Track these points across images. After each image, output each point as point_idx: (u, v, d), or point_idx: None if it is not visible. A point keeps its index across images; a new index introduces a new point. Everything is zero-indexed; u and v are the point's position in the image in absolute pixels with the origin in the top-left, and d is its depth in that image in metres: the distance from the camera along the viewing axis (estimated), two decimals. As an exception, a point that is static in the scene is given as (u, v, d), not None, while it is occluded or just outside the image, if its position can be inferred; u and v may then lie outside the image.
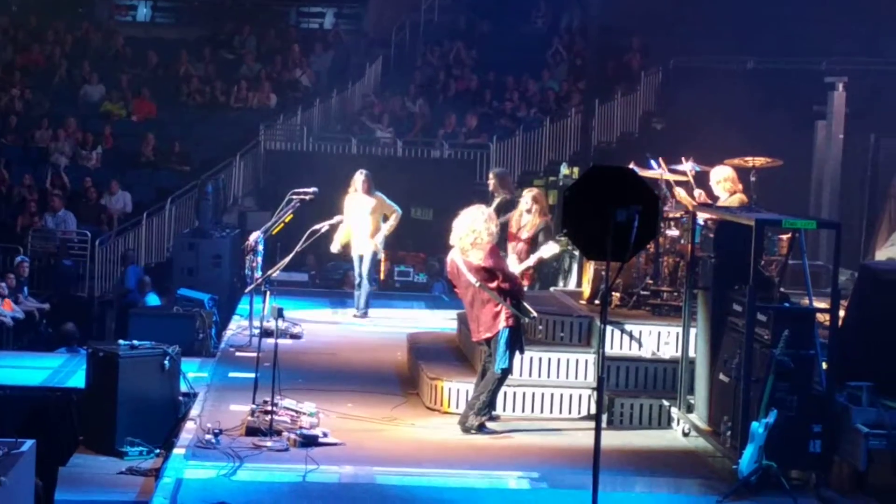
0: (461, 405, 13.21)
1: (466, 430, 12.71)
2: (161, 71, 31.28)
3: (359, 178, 18.49)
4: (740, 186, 14.47)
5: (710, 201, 14.35)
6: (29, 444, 10.49)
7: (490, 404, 12.83)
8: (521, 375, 13.49)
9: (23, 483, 10.22)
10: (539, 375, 13.57)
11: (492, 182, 17.85)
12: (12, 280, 21.78)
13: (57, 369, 15.83)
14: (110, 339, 19.13)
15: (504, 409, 13.28)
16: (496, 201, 17.20)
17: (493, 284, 12.60)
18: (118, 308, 22.46)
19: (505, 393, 13.22)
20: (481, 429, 12.70)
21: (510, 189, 17.79)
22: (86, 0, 33.72)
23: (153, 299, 20.61)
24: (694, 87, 27.50)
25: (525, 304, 12.86)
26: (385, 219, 18.53)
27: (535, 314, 13.29)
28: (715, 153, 15.27)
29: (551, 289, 16.85)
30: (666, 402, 13.20)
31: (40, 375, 15.48)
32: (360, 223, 18.31)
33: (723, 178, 14.49)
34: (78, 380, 14.58)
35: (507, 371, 12.71)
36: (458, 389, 13.47)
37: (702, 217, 13.16)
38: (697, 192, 14.91)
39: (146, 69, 31.23)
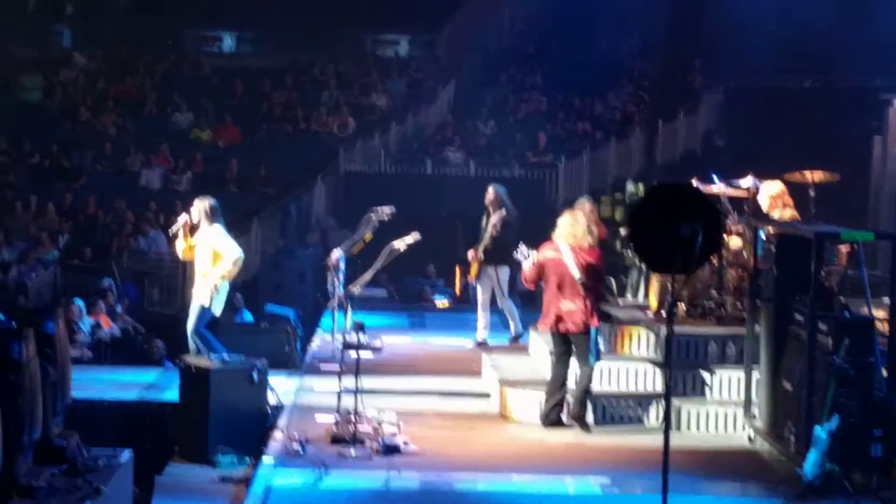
0: (530, 413, 13.22)
1: (584, 424, 12.91)
2: (245, 98, 31.51)
3: (198, 204, 14.54)
4: (791, 202, 14.35)
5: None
6: (127, 453, 10.58)
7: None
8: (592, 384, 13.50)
9: (121, 491, 10.30)
10: (609, 384, 13.54)
11: (491, 196, 17.32)
12: (110, 298, 21.99)
13: (152, 383, 15.95)
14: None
15: (576, 417, 13.28)
16: (497, 217, 17.03)
17: (592, 284, 12.83)
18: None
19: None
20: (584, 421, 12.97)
21: (505, 204, 17.42)
22: (174, 33, 34.04)
23: (247, 316, 20.72)
24: (753, 106, 27.41)
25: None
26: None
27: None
28: (774, 169, 15.17)
29: (619, 301, 16.81)
30: (731, 409, 13.15)
31: (137, 389, 15.61)
32: (196, 261, 14.51)
33: (777, 193, 14.35)
34: (172, 393, 14.68)
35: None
36: (528, 397, 13.46)
37: (764, 230, 13.10)
38: None
39: (232, 97, 31.48)
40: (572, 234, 13.04)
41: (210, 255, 14.46)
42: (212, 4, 33.87)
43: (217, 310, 14.66)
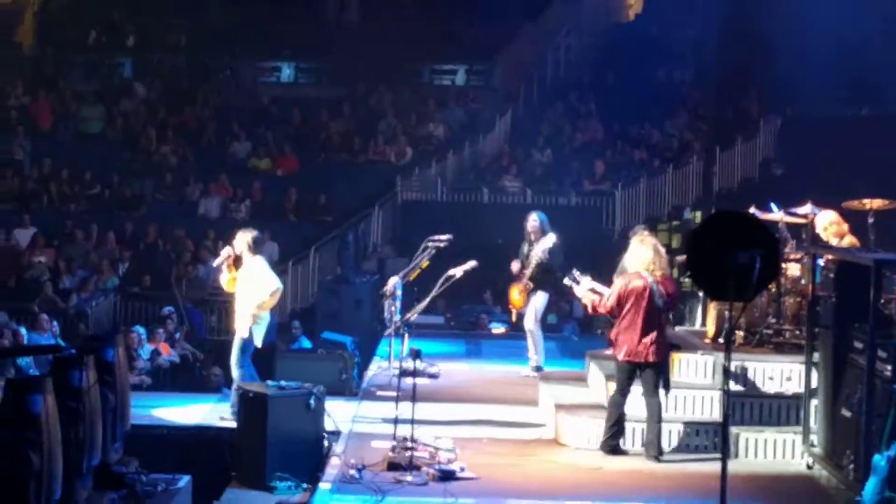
0: (587, 440, 13.17)
1: (659, 459, 12.82)
2: (303, 128, 31.65)
3: (241, 237, 14.88)
4: (846, 227, 14.26)
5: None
6: (185, 479, 10.66)
7: None
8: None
9: (180, 516, 10.37)
10: (666, 411, 13.44)
11: (535, 224, 17.11)
12: (170, 325, 22.13)
13: (210, 409, 16.02)
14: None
15: (633, 444, 13.19)
16: (546, 244, 16.99)
17: (668, 314, 13.08)
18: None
19: (633, 429, 13.15)
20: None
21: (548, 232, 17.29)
22: (233, 63, 34.27)
23: (305, 343, 20.79)
24: (811, 134, 27.28)
25: None
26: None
27: None
28: (832, 196, 15.08)
29: (676, 328, 16.73)
30: (790, 437, 13.05)
31: (195, 415, 15.69)
32: (238, 293, 14.93)
33: (828, 223, 14.28)
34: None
35: None
36: (584, 424, 13.41)
37: (822, 258, 13.01)
38: None
39: (290, 126, 31.63)
40: (659, 265, 13.00)
41: (251, 286, 14.69)
42: (270, 35, 34.08)
43: (258, 340, 14.75)
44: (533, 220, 17.05)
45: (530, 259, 16.91)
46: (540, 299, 17.09)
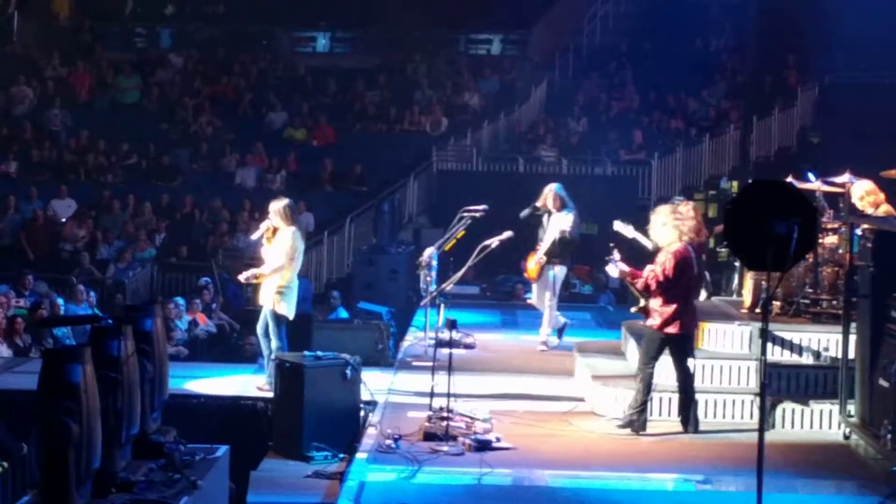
0: (623, 411, 13.15)
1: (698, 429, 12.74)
2: (339, 98, 31.67)
3: (274, 206, 14.68)
4: (883, 197, 14.18)
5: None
6: (223, 449, 10.69)
7: None
8: (685, 382, 13.41)
9: (218, 486, 10.41)
10: (702, 382, 13.43)
11: (558, 200, 16.97)
12: (207, 296, 22.22)
13: (247, 379, 16.08)
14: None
15: (670, 415, 13.18)
16: (565, 220, 16.83)
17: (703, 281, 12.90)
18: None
19: (670, 399, 13.13)
20: None
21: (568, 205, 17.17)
22: (269, 34, 34.30)
23: (342, 313, 20.85)
24: (849, 101, 27.13)
25: None
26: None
27: None
28: (870, 165, 14.98)
29: (713, 298, 16.69)
30: (827, 407, 13.01)
31: (232, 385, 15.75)
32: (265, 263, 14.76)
33: (865, 193, 14.21)
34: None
35: None
36: (621, 395, 13.39)
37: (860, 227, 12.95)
38: None
39: (326, 96, 31.65)
40: (689, 229, 12.86)
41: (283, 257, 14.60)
42: (306, 5, 34.07)
43: (289, 312, 14.66)
44: (555, 196, 16.96)
45: (547, 233, 16.85)
46: (561, 273, 17.04)
